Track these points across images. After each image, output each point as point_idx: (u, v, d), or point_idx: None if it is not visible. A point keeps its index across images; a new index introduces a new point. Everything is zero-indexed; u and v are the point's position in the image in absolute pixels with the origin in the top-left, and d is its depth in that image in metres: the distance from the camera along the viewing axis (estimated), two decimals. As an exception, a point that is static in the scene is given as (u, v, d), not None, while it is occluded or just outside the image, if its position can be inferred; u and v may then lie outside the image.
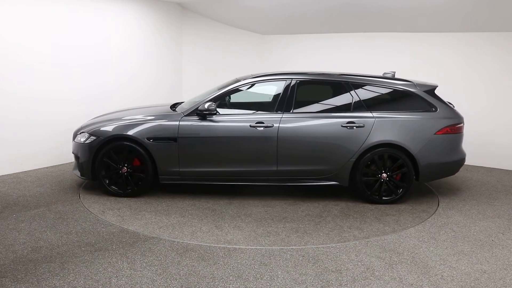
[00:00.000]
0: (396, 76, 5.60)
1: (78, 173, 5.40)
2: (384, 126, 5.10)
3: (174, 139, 5.15)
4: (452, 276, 3.45)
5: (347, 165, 5.12)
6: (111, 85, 7.36)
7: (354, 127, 5.08)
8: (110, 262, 3.58)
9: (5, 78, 5.92)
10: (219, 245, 3.95)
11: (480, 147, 6.98)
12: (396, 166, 5.14)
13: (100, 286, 3.19)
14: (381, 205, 5.14)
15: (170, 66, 8.46)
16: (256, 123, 5.12)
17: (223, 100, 5.47)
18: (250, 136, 5.11)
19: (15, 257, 3.62)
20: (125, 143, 5.20)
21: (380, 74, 5.70)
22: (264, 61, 9.08)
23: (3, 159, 6.03)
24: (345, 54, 8.16)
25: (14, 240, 3.97)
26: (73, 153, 5.52)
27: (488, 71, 7.07)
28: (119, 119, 5.49)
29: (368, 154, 5.09)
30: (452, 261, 3.72)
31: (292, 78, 5.33)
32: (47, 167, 6.53)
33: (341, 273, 3.48)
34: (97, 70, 7.11)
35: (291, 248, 3.91)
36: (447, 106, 5.26)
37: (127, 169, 5.23)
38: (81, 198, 5.18)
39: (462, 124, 5.29)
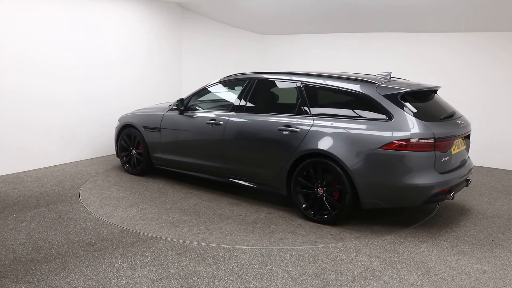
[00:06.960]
0: (392, 76, 4.95)
1: None
2: (319, 133, 4.42)
3: (158, 129, 5.86)
4: (452, 276, 3.45)
5: (282, 173, 4.68)
6: (112, 86, 7.37)
7: (288, 132, 4.62)
8: (110, 262, 3.58)
9: (6, 78, 5.92)
10: (219, 245, 3.95)
11: (480, 147, 6.97)
12: (335, 181, 4.37)
13: (100, 286, 3.19)
14: (312, 222, 4.53)
15: (172, 66, 8.45)
16: (210, 120, 5.31)
17: (204, 97, 5.80)
18: (204, 132, 5.37)
19: (15, 257, 3.63)
20: (132, 129, 6.18)
21: (354, 72, 5.26)
22: (264, 61, 9.08)
23: (3, 159, 6.03)
24: (344, 54, 8.15)
25: (14, 240, 3.97)
26: None
27: (488, 71, 7.07)
28: (138, 110, 6.44)
29: (304, 163, 4.50)
30: (452, 261, 3.72)
31: (252, 78, 5.25)
32: (47, 167, 6.53)
33: (341, 273, 3.48)
34: (98, 72, 7.12)
35: (291, 248, 3.91)
36: (412, 116, 4.12)
37: (135, 152, 6.21)
38: (81, 198, 5.19)
39: (430, 141, 4.05)
